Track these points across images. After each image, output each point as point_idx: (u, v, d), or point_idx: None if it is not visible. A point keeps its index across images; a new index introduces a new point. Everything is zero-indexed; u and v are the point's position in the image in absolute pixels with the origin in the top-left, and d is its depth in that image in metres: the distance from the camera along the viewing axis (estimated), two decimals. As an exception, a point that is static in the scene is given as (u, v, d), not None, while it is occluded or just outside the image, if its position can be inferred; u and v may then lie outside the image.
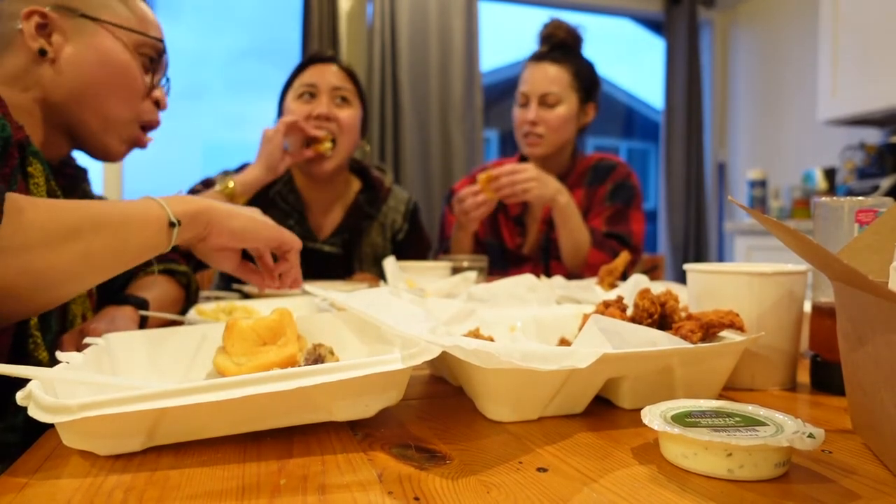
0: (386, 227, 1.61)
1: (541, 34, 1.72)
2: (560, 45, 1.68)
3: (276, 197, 1.51)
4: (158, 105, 0.90)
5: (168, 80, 0.94)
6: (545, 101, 1.62)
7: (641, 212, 1.66)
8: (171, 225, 0.65)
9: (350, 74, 1.47)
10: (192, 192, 1.48)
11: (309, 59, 1.48)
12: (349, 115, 1.42)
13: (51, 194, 0.76)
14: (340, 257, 1.54)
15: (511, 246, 1.72)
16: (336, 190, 1.55)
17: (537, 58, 1.67)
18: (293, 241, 0.79)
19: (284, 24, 3.40)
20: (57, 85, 0.79)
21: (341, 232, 1.54)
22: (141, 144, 0.90)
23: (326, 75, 1.43)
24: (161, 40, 0.86)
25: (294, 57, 3.21)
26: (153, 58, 0.86)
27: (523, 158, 1.76)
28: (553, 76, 1.62)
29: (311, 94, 1.42)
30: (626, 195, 1.64)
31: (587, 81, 1.66)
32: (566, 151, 1.70)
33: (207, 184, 1.47)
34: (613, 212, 1.61)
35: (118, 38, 0.82)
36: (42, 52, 0.78)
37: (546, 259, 1.68)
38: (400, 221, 1.62)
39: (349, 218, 1.54)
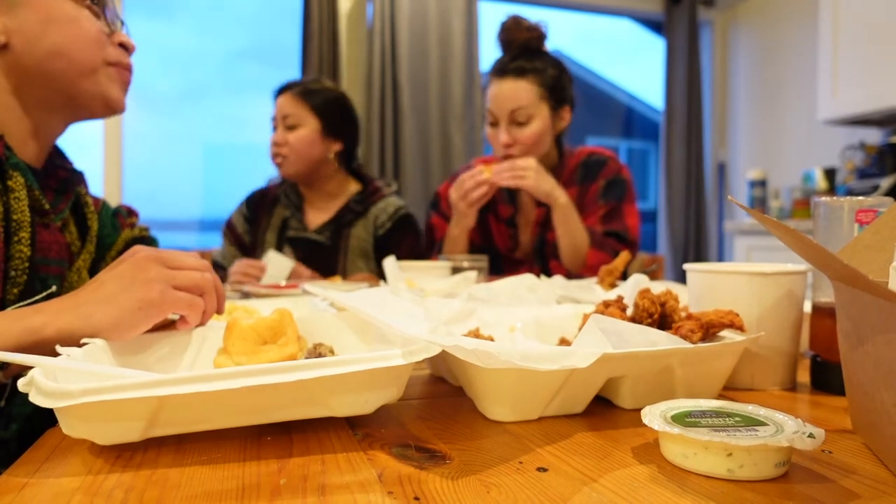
0: (369, 222, 1.76)
1: (500, 38, 1.62)
2: (522, 50, 1.59)
3: (281, 195, 1.82)
4: (126, 47, 0.85)
5: (123, 23, 0.88)
6: (515, 119, 1.55)
7: (635, 205, 1.62)
8: None
9: (302, 96, 1.71)
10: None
11: (275, 92, 1.76)
12: (295, 136, 1.69)
13: (34, 205, 0.74)
14: (327, 247, 1.75)
15: (503, 250, 1.70)
16: (329, 192, 1.79)
17: (500, 72, 1.58)
18: (184, 307, 0.63)
19: (284, 25, 3.40)
20: (18, 66, 0.76)
21: (330, 225, 1.76)
22: (126, 82, 0.85)
23: (280, 106, 1.71)
24: None
25: (294, 58, 3.21)
26: (95, 1, 0.80)
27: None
28: (520, 92, 1.54)
29: (274, 126, 1.74)
30: (619, 191, 1.60)
31: (556, 87, 1.57)
32: (551, 156, 1.67)
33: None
34: (608, 210, 1.59)
35: None
36: None
37: (541, 261, 1.66)
38: (384, 219, 1.76)
39: (339, 214, 1.76)
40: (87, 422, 0.43)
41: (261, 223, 1.81)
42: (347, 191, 1.80)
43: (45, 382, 0.41)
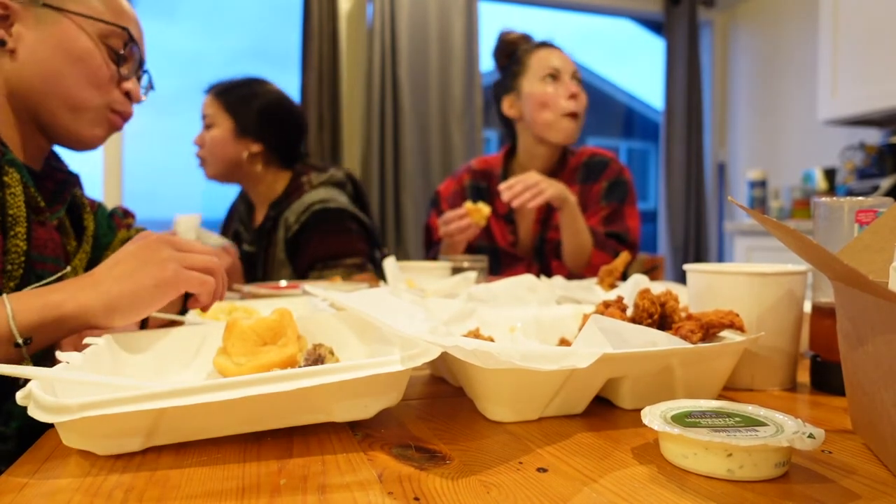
0: (281, 226, 1.62)
1: (504, 43, 1.71)
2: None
3: (234, 209, 1.80)
4: (131, 97, 0.87)
5: (147, 73, 0.91)
6: (576, 78, 1.61)
7: (636, 207, 1.64)
8: (18, 346, 0.56)
9: (218, 95, 1.65)
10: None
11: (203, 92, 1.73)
12: (211, 136, 1.63)
13: (29, 202, 0.75)
14: (255, 256, 1.65)
15: (503, 244, 1.70)
16: (263, 194, 1.69)
17: (549, 44, 1.66)
18: (196, 286, 0.66)
19: (284, 25, 3.40)
20: (18, 76, 0.77)
21: (257, 233, 1.67)
22: (116, 127, 0.88)
23: (202, 106, 1.67)
24: (127, 30, 0.83)
25: (294, 58, 3.21)
26: (120, 49, 0.83)
27: (509, 155, 1.74)
28: (572, 61, 1.62)
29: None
30: (621, 193, 1.62)
31: None
32: (560, 149, 1.69)
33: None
34: (610, 211, 1.61)
35: (81, 27, 0.79)
36: (1, 43, 0.76)
37: (540, 259, 1.67)
38: (291, 221, 1.60)
39: (263, 221, 1.66)
40: (86, 435, 0.43)
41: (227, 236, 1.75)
42: (275, 190, 1.68)
43: (43, 397, 0.41)
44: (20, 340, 0.56)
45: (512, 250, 1.70)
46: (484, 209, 1.47)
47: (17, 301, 0.58)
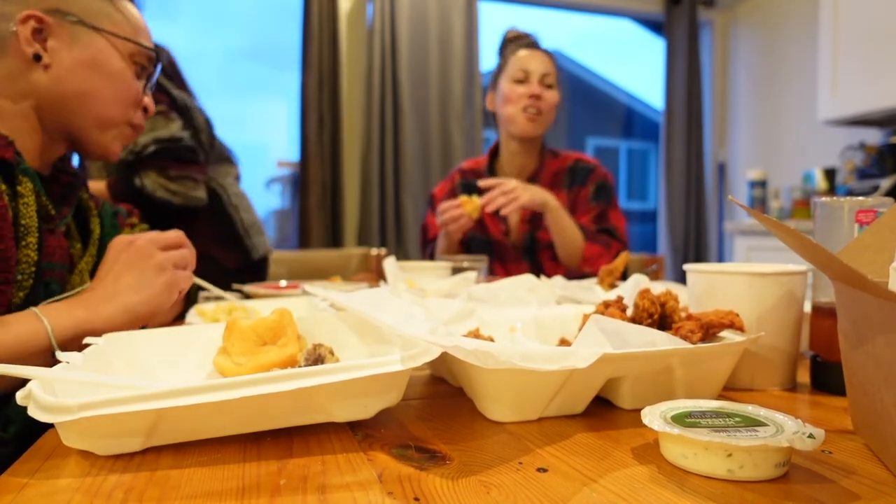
0: None
1: (502, 41, 1.77)
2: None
3: None
4: (147, 111, 0.91)
5: (153, 86, 0.94)
6: (544, 82, 1.67)
7: (619, 209, 1.75)
8: (54, 354, 0.61)
9: None
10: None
11: None
12: None
13: (41, 211, 0.76)
14: None
15: (496, 234, 1.75)
16: None
17: (530, 45, 1.71)
18: (186, 282, 0.79)
19: (284, 25, 3.40)
20: (51, 91, 0.79)
21: None
22: (130, 141, 0.91)
23: None
24: (153, 50, 0.87)
25: (294, 58, 3.21)
26: (145, 66, 0.87)
27: (493, 157, 1.80)
28: (549, 64, 1.69)
29: None
30: (607, 196, 1.72)
31: (559, 81, 1.76)
32: (537, 147, 1.75)
33: None
34: (599, 211, 1.69)
35: (114, 46, 0.82)
36: (37, 58, 0.77)
37: (532, 258, 1.73)
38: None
39: None
40: (86, 435, 0.43)
41: None
42: None
43: (43, 397, 0.41)
44: (58, 348, 0.62)
45: (505, 240, 1.75)
46: (477, 201, 1.53)
47: (50, 317, 0.64)
